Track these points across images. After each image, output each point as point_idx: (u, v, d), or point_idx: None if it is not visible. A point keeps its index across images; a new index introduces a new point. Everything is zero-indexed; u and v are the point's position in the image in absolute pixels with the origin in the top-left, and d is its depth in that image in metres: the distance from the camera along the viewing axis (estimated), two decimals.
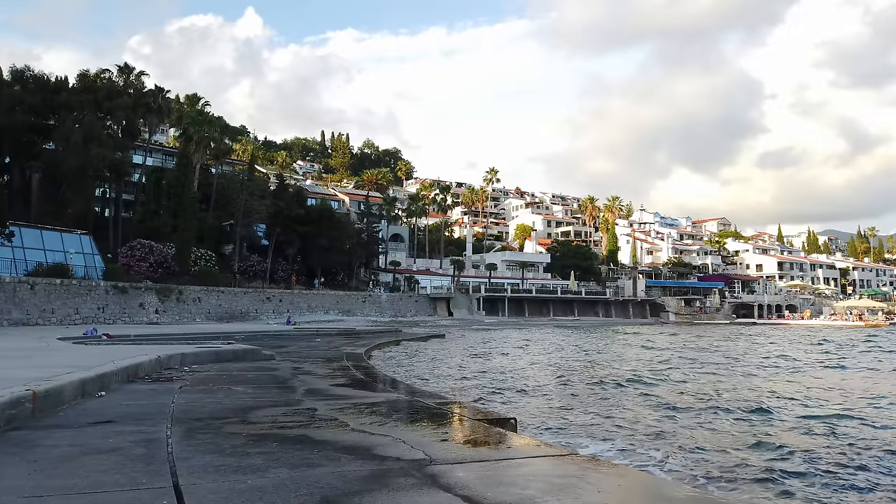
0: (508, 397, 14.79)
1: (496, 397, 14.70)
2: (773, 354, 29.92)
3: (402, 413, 6.95)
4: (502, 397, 14.77)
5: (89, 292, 38.98)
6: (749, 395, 15.93)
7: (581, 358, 26.38)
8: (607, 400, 14.77)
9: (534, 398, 14.90)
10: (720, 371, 21.91)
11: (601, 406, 13.82)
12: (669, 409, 13.41)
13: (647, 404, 14.17)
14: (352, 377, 11.16)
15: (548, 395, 15.44)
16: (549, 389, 16.59)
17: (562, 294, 78.82)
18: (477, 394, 14.93)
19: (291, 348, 20.91)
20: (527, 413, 12.51)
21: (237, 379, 10.54)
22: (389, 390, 9.10)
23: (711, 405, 13.97)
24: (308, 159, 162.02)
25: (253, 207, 56.34)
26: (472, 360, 23.66)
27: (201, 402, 7.58)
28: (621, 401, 14.65)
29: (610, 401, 14.63)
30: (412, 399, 8.12)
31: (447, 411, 6.86)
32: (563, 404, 14.03)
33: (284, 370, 12.32)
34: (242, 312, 50.25)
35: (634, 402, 14.40)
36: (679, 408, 13.65)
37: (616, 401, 14.66)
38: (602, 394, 15.80)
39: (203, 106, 59.57)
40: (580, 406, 13.78)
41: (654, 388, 16.77)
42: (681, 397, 15.24)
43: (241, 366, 13.06)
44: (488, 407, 11.86)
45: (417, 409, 7.23)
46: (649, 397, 15.19)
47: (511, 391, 15.88)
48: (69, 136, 48.71)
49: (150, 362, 11.25)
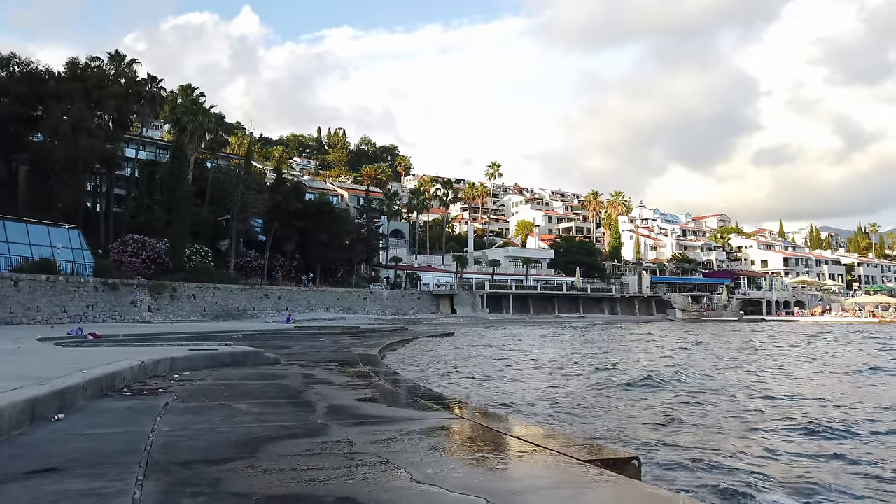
0: (577, 415, 11.78)
1: (563, 416, 11.60)
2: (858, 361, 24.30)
3: (475, 448, 4.97)
4: (571, 418, 11.52)
5: (77, 289, 36.85)
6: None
7: (624, 360, 23.31)
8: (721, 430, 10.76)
9: (615, 418, 11.54)
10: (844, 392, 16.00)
11: (707, 434, 10.29)
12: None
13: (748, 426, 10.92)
14: (378, 387, 9.16)
15: (630, 414, 11.91)
16: (614, 402, 13.27)
17: (567, 291, 76.94)
18: (539, 410, 12.05)
19: (296, 349, 18.92)
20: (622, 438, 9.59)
21: (238, 391, 8.54)
22: (434, 407, 7.11)
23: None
24: (304, 156, 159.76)
25: (250, 201, 54.19)
26: (499, 363, 21.42)
27: (191, 430, 5.59)
28: (729, 424, 11.13)
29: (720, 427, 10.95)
30: (473, 422, 6.14)
31: (538, 446, 4.87)
32: (658, 420, 11.22)
33: (294, 378, 10.31)
34: (239, 310, 48.18)
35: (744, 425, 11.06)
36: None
37: (724, 423, 11.18)
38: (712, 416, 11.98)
39: (198, 97, 57.29)
40: (691, 431, 10.42)
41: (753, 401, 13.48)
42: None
43: (241, 372, 11.05)
44: (567, 430, 9.85)
45: (493, 441, 5.24)
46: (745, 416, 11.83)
47: (570, 405, 12.86)
48: (57, 127, 46.56)
49: (132, 370, 9.24)
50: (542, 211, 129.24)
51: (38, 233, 38.88)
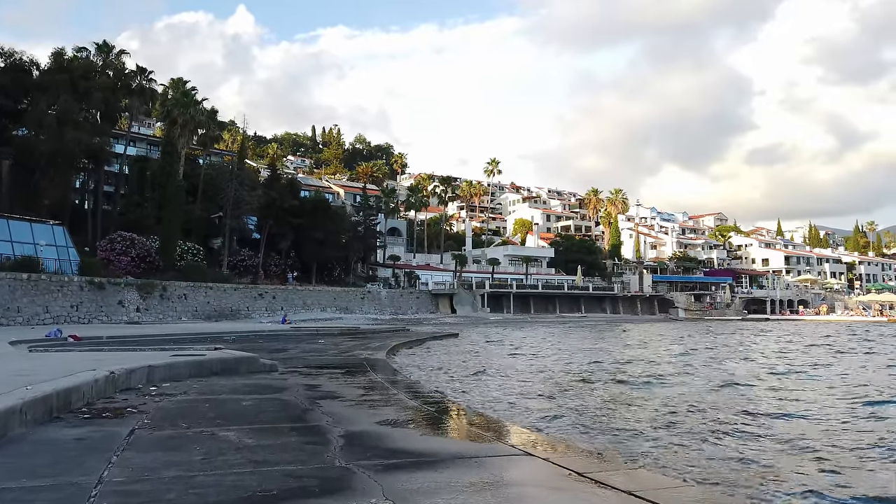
0: (651, 438, 9.31)
1: (631, 438, 9.28)
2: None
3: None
4: (646, 441, 9.10)
5: (61, 288, 34.92)
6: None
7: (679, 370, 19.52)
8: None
9: (689, 444, 8.92)
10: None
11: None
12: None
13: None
14: (400, 403, 7.45)
15: (720, 443, 9.07)
16: (704, 426, 10.26)
17: (568, 290, 75.29)
18: (594, 438, 9.25)
19: (293, 353, 17.18)
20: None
21: (227, 410, 6.82)
22: (484, 435, 5.40)
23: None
24: (299, 154, 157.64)
25: (243, 198, 52.29)
26: (524, 370, 19.12)
27: (156, 483, 3.87)
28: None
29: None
30: (548, 463, 4.43)
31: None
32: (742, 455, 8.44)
33: (295, 390, 8.58)
34: (233, 310, 46.33)
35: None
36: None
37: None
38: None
39: (190, 90, 55.24)
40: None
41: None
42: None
43: (232, 383, 9.31)
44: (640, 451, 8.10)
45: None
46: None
47: (625, 424, 10.40)
48: (42, 120, 44.57)
49: (97, 383, 7.51)
50: (540, 209, 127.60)
51: (21, 229, 36.97)
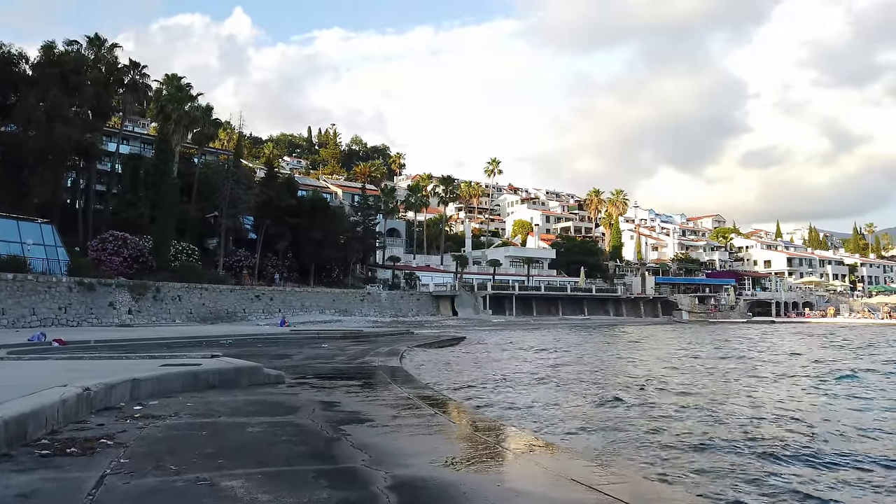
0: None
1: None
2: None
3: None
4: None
5: (49, 289, 33.26)
6: None
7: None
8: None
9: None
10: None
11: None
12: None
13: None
14: (444, 429, 5.95)
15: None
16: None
17: (571, 291, 73.84)
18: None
19: (298, 359, 15.66)
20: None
21: (229, 441, 5.31)
22: (608, 494, 3.91)
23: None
24: (295, 155, 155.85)
25: (240, 197, 50.67)
26: (557, 383, 16.84)
27: None
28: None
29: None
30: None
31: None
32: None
33: (311, 411, 7.07)
34: (229, 312, 44.73)
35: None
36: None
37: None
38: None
39: (185, 85, 53.53)
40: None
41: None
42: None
43: (233, 400, 7.79)
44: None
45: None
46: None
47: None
48: (31, 115, 42.96)
49: (65, 403, 6.01)
50: (539, 210, 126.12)
51: (6, 227, 35.32)
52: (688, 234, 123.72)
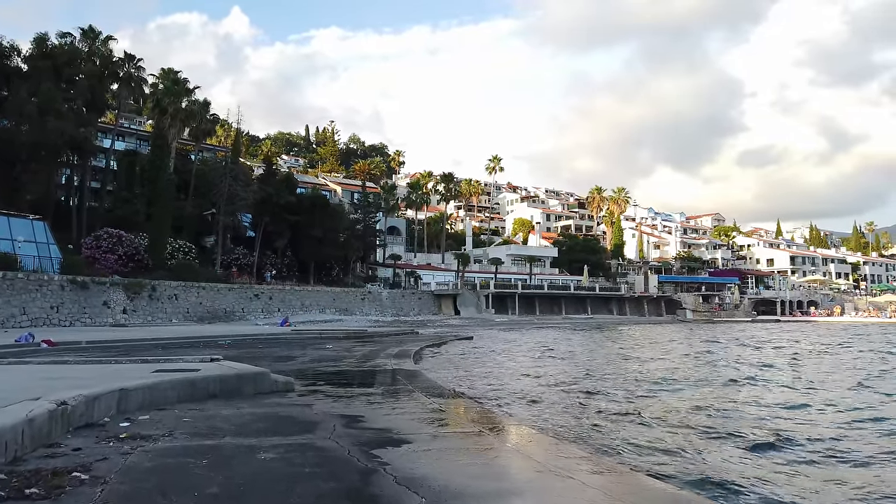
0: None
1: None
2: None
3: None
4: None
5: (40, 288, 32.00)
6: None
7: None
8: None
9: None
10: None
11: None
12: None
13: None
14: (500, 453, 4.81)
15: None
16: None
17: (574, 290, 72.73)
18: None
19: (303, 361, 14.51)
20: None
21: (238, 476, 4.17)
22: None
23: None
24: (293, 154, 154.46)
25: (238, 193, 49.36)
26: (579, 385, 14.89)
27: None
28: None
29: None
30: None
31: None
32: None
33: (331, 428, 5.93)
34: (227, 312, 43.52)
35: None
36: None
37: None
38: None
39: (183, 80, 52.18)
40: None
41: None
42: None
43: (237, 414, 6.64)
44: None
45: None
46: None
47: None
48: (23, 109, 41.72)
49: (32, 423, 4.87)
50: (540, 209, 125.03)
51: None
52: (689, 233, 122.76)
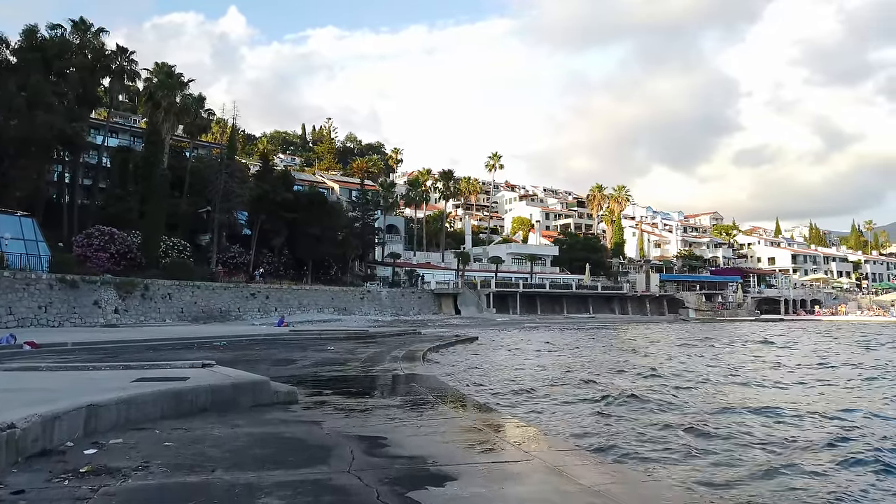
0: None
1: None
2: None
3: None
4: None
5: (28, 286, 30.75)
6: None
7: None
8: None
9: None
10: None
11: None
12: None
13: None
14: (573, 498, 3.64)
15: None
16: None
17: (576, 289, 71.62)
18: None
19: (304, 365, 13.33)
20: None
21: None
22: None
23: None
24: (289, 152, 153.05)
25: (233, 190, 48.15)
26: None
27: None
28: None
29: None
30: None
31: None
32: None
33: (350, 456, 4.76)
34: (223, 311, 42.29)
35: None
36: None
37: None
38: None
39: (177, 75, 50.78)
40: None
41: None
42: None
43: (232, 436, 5.47)
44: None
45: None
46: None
47: None
48: (11, 102, 40.41)
49: None
50: (539, 207, 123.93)
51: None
52: (689, 231, 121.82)
